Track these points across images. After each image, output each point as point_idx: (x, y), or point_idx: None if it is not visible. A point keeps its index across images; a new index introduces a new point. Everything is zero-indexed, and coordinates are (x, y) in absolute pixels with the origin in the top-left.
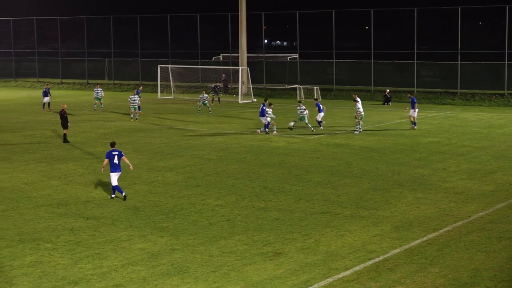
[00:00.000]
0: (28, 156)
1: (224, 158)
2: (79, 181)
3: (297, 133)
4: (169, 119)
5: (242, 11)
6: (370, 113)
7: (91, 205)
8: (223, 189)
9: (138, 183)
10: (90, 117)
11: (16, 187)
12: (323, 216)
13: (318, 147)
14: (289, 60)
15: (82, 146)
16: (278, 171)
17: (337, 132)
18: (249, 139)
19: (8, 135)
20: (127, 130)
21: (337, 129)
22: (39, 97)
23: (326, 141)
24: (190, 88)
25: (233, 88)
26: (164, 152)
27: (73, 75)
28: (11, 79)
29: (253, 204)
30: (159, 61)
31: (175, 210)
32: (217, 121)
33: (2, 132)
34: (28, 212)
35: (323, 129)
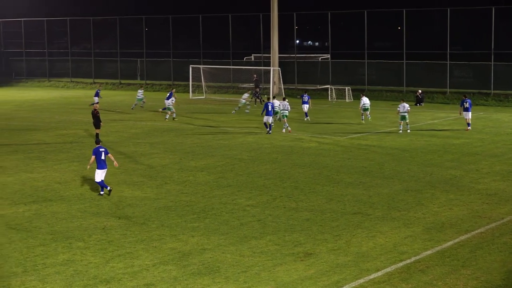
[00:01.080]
0: (61, 155)
1: (255, 158)
2: (111, 180)
3: (328, 134)
4: (201, 119)
5: (274, 12)
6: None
7: (123, 204)
8: (254, 189)
9: (170, 182)
10: (122, 116)
11: (50, 186)
12: (354, 217)
13: (349, 148)
14: (320, 61)
15: (114, 146)
16: (309, 171)
17: (369, 133)
18: (281, 139)
19: (41, 135)
20: (159, 130)
21: (368, 130)
22: (72, 96)
23: (357, 141)
24: (222, 88)
25: (264, 88)
26: (195, 152)
27: (106, 75)
28: (44, 79)
29: (284, 204)
30: (190, 61)
31: (206, 210)
32: (249, 121)
33: (36, 132)
34: (61, 211)
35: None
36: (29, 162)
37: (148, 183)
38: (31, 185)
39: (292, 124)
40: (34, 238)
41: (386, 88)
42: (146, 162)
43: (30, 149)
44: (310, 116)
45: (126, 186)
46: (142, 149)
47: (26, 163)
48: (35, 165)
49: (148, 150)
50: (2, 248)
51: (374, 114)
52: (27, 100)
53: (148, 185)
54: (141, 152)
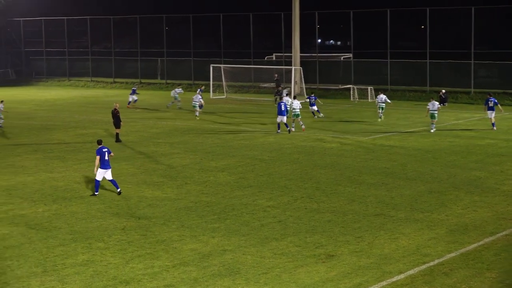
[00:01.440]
0: (81, 155)
1: (276, 158)
2: (131, 180)
3: (350, 134)
4: (221, 118)
5: (295, 10)
6: (426, 114)
7: (143, 204)
8: (275, 190)
9: (190, 183)
10: (143, 115)
11: (69, 186)
12: (376, 218)
13: (371, 148)
14: (342, 60)
15: (134, 146)
16: (331, 172)
17: (391, 133)
18: (302, 139)
19: (61, 134)
20: (179, 130)
21: (391, 130)
22: (92, 96)
23: (380, 142)
24: (243, 88)
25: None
26: (216, 152)
27: (126, 74)
28: (64, 78)
29: (305, 205)
30: (211, 61)
31: (227, 210)
32: (270, 121)
33: (56, 131)
34: (81, 211)
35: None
36: (49, 161)
37: (168, 183)
38: (50, 185)
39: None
40: (54, 238)
41: (409, 88)
42: (166, 162)
43: (50, 148)
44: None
45: (146, 186)
46: (162, 149)
47: (46, 162)
48: (55, 165)
49: (169, 150)
50: (22, 248)
51: (397, 114)
52: (47, 99)
53: (168, 185)
54: (162, 152)
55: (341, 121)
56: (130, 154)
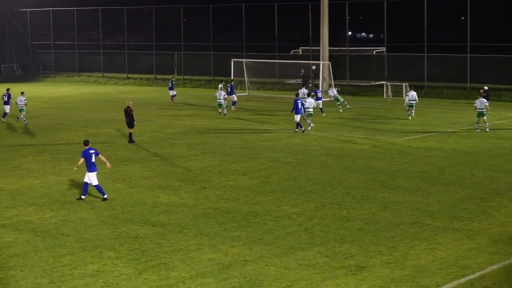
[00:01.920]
0: None
1: (302, 161)
2: (145, 184)
3: (383, 134)
4: (243, 117)
5: (324, 0)
6: (466, 113)
7: (158, 210)
8: (301, 196)
9: (209, 187)
10: (157, 115)
11: (78, 191)
12: (411, 227)
13: (406, 150)
14: (375, 54)
15: (148, 147)
16: (362, 176)
17: (428, 134)
18: (330, 140)
19: (70, 134)
20: (197, 130)
21: (428, 130)
22: (104, 93)
23: (416, 143)
24: (266, 85)
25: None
26: (237, 154)
27: (140, 69)
28: (74, 73)
29: (334, 212)
30: (232, 55)
31: (248, 217)
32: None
33: (64, 131)
34: (90, 217)
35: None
36: (56, 163)
37: (185, 188)
38: (58, 189)
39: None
40: (62, 246)
41: (448, 84)
42: (183, 165)
43: (57, 149)
44: (365, 115)
45: (162, 190)
46: (179, 151)
47: (53, 164)
48: (63, 167)
49: (186, 151)
50: (27, 257)
51: (434, 113)
52: (55, 96)
53: (185, 189)
54: (178, 154)
55: (373, 120)
56: (144, 156)
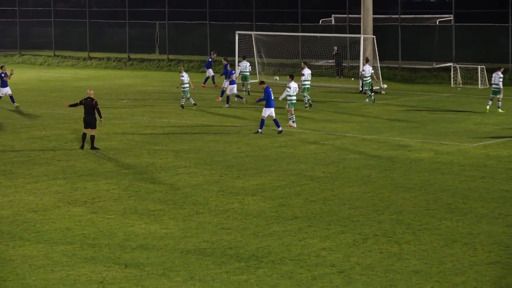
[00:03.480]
0: (38, 169)
1: (335, 175)
2: (114, 208)
3: (449, 138)
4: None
5: None
6: None
7: (132, 245)
8: (334, 224)
9: (204, 212)
10: (132, 110)
11: (20, 217)
12: (490, 268)
13: (483, 161)
14: (438, 25)
15: (119, 155)
16: (419, 196)
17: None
18: (375, 147)
19: (9, 137)
20: (188, 131)
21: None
22: (56, 79)
23: (496, 151)
24: (284, 67)
25: (351, 67)
26: (244, 166)
27: (107, 46)
28: (14, 51)
29: (380, 247)
30: (236, 26)
31: (260, 255)
32: (326, 117)
33: (1, 132)
34: (37, 254)
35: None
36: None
37: (170, 213)
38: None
39: (392, 125)
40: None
41: None
42: (168, 181)
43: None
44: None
45: (137, 217)
46: (162, 161)
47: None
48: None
49: (172, 161)
50: None
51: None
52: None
53: (170, 215)
54: (161, 165)
55: (435, 118)
56: (114, 168)
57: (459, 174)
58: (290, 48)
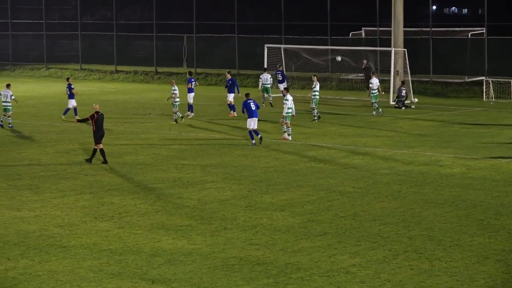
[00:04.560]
0: (65, 183)
1: (365, 190)
2: (141, 223)
3: (481, 153)
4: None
5: None
6: None
7: (159, 261)
8: (364, 240)
9: (232, 228)
10: (159, 124)
11: (46, 232)
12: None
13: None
14: (470, 38)
15: (146, 170)
16: (451, 212)
17: None
18: (405, 161)
19: (36, 151)
20: (216, 146)
21: None
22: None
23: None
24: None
25: (381, 81)
26: (272, 181)
27: (134, 59)
28: (40, 65)
29: (410, 264)
30: (265, 39)
31: (288, 271)
32: (355, 132)
33: (26, 147)
34: (63, 270)
35: None
36: (15, 193)
37: (198, 229)
38: (17, 229)
39: (424, 140)
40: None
41: None
42: (195, 196)
43: (17, 173)
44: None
45: (165, 232)
46: (189, 175)
47: (10, 195)
48: (25, 199)
49: (199, 176)
50: None
51: None
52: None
53: (198, 231)
54: (188, 180)
55: (467, 132)
56: (141, 183)
57: (492, 189)
58: (319, 61)
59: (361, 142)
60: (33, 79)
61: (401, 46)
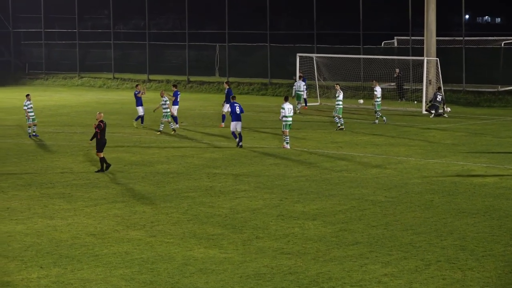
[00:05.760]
0: (97, 192)
1: (397, 200)
2: (173, 232)
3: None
4: (312, 137)
5: None
6: None
7: (191, 269)
8: (396, 250)
9: (264, 237)
10: (192, 132)
11: (78, 240)
12: None
13: None
14: (504, 47)
15: (178, 179)
16: (483, 222)
17: None
18: (438, 171)
19: (68, 160)
20: (248, 154)
21: None
22: (116, 101)
23: None
24: (346, 90)
25: (414, 90)
26: (304, 190)
27: (166, 68)
28: (73, 74)
29: (443, 274)
30: (297, 48)
31: (320, 280)
32: (388, 141)
33: (59, 155)
34: (96, 278)
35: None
36: (47, 201)
37: (230, 237)
38: (50, 237)
39: (456, 149)
40: None
41: None
42: (227, 205)
43: (49, 181)
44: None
45: (196, 241)
46: (221, 184)
47: (43, 203)
48: (57, 207)
49: (231, 185)
50: None
51: None
52: (47, 106)
53: (230, 240)
54: (220, 189)
55: (500, 142)
56: (172, 192)
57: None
58: (351, 71)
59: (393, 152)
60: (66, 88)
61: (434, 55)
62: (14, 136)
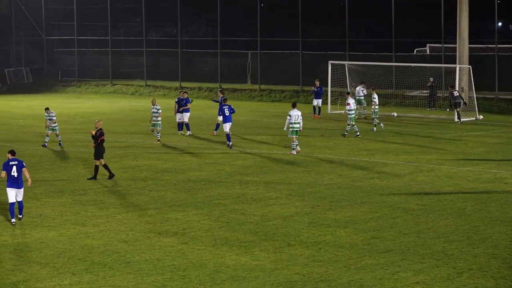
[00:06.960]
0: (129, 199)
1: (429, 207)
2: (204, 239)
3: None
4: (344, 145)
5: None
6: None
7: (222, 276)
8: (428, 258)
9: (295, 244)
10: (222, 140)
11: (110, 247)
12: None
13: None
14: None
15: (209, 186)
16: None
17: None
18: (470, 179)
19: (101, 167)
20: (279, 162)
21: None
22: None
23: None
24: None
25: (446, 98)
26: (336, 198)
27: (198, 75)
28: (106, 81)
29: (475, 282)
30: (329, 55)
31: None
32: (420, 149)
33: (92, 162)
34: (127, 285)
35: None
36: (79, 208)
37: (261, 245)
38: (82, 244)
39: (488, 156)
40: None
41: None
42: (259, 212)
43: (82, 188)
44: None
45: (228, 248)
46: (253, 192)
47: (75, 210)
48: (89, 214)
49: (263, 192)
50: None
51: None
52: (79, 113)
53: (261, 247)
54: (252, 196)
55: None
56: (204, 199)
57: None
58: (383, 78)
59: (425, 159)
60: (99, 95)
61: (466, 63)
62: (47, 143)
